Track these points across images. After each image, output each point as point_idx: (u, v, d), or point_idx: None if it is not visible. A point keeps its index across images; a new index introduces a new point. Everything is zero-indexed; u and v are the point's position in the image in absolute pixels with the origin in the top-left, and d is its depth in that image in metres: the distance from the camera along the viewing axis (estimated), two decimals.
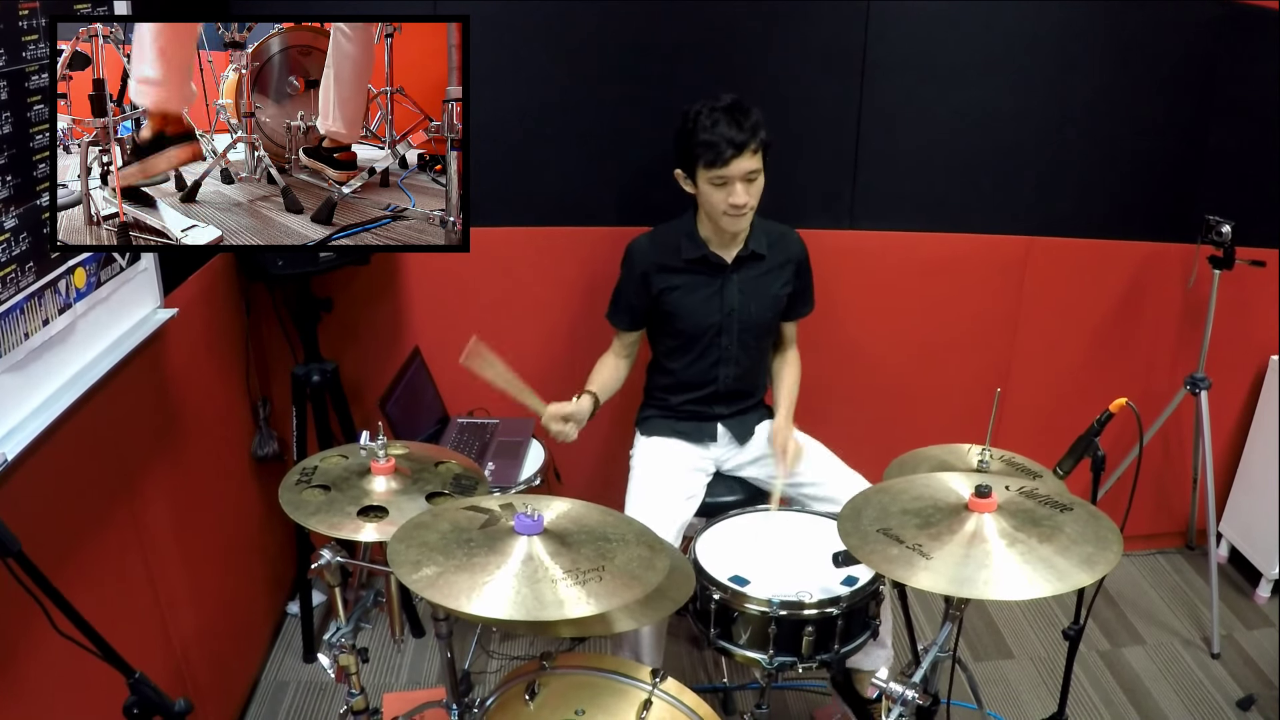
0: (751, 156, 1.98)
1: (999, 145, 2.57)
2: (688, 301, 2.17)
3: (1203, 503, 2.91)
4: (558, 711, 1.53)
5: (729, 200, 2.00)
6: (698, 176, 2.02)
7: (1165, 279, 2.79)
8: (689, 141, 2.00)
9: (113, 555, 1.71)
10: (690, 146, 2.00)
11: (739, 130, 1.95)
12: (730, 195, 2.00)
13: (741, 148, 1.96)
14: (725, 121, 1.96)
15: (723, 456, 2.31)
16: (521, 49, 2.36)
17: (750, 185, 2.01)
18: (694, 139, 1.98)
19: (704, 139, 1.96)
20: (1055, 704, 2.09)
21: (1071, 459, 1.78)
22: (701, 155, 1.98)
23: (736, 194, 2.00)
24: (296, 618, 2.61)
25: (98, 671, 1.21)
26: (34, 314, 1.41)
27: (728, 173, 1.97)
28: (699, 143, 1.97)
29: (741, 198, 2.00)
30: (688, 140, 2.00)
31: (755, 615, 1.71)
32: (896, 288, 2.70)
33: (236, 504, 2.40)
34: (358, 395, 2.57)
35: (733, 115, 1.97)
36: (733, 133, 1.95)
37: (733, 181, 1.99)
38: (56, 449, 1.49)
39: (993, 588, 1.32)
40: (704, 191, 2.04)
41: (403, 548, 1.37)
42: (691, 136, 1.99)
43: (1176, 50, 2.54)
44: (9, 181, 1.34)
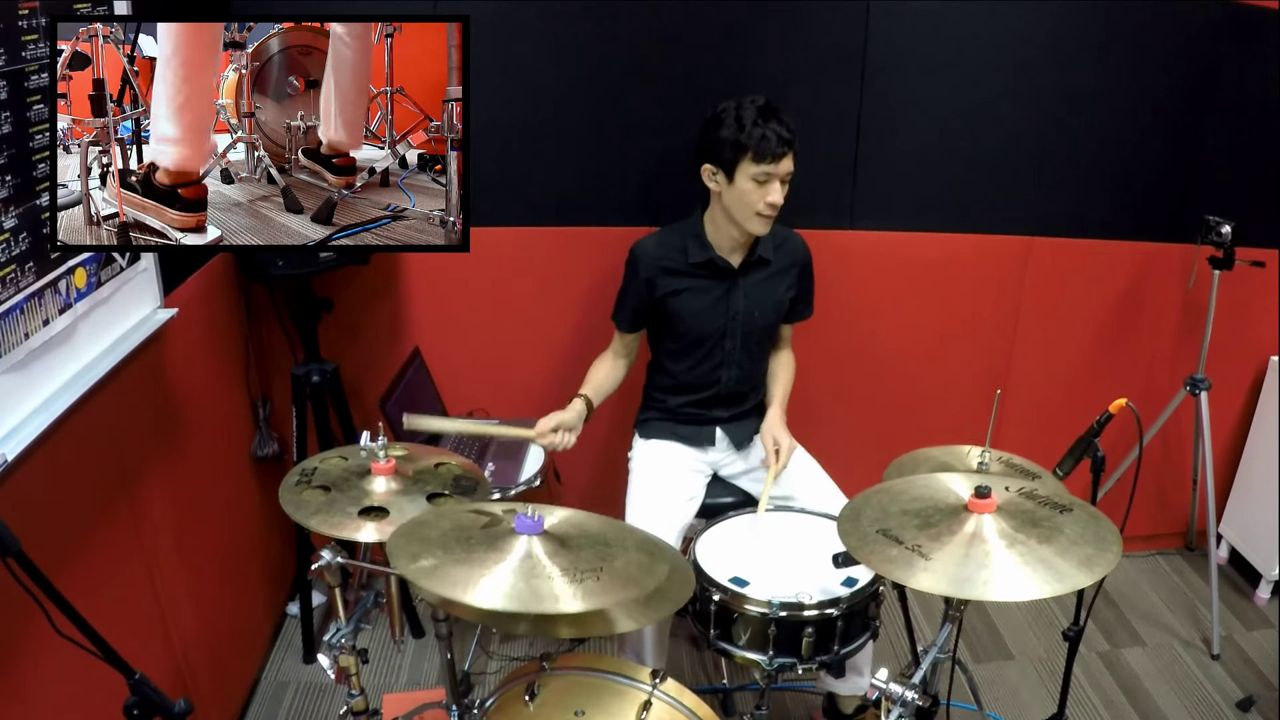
0: (792, 157, 1.99)
1: (999, 145, 2.57)
2: (692, 305, 2.15)
3: (1202, 503, 2.91)
4: (557, 712, 1.52)
5: (767, 199, 1.99)
6: (738, 172, 1.98)
7: (1165, 279, 2.79)
8: (735, 135, 1.96)
9: (113, 555, 1.71)
10: (736, 140, 1.96)
11: (786, 129, 1.96)
12: (769, 194, 1.98)
13: (789, 145, 1.97)
14: (771, 118, 1.95)
15: (720, 461, 2.30)
16: (521, 49, 2.36)
17: (785, 186, 2.01)
18: (743, 132, 1.95)
19: (757, 133, 1.94)
20: (1055, 705, 2.09)
21: (1071, 460, 1.78)
22: (752, 149, 1.94)
23: (775, 193, 1.99)
24: (296, 618, 2.61)
25: (98, 672, 1.20)
26: (34, 314, 1.41)
27: (776, 170, 1.96)
28: (751, 136, 1.94)
29: (779, 197, 1.99)
30: (733, 134, 1.96)
31: (755, 616, 1.71)
32: (896, 288, 2.70)
33: (236, 504, 2.40)
34: (358, 395, 2.57)
35: (777, 115, 1.97)
36: (781, 129, 1.95)
37: (774, 180, 1.98)
38: (56, 449, 1.49)
39: (992, 589, 1.32)
40: (742, 190, 1.99)
41: (402, 541, 1.37)
42: (739, 130, 1.95)
43: (1176, 50, 2.54)
44: (9, 181, 1.34)
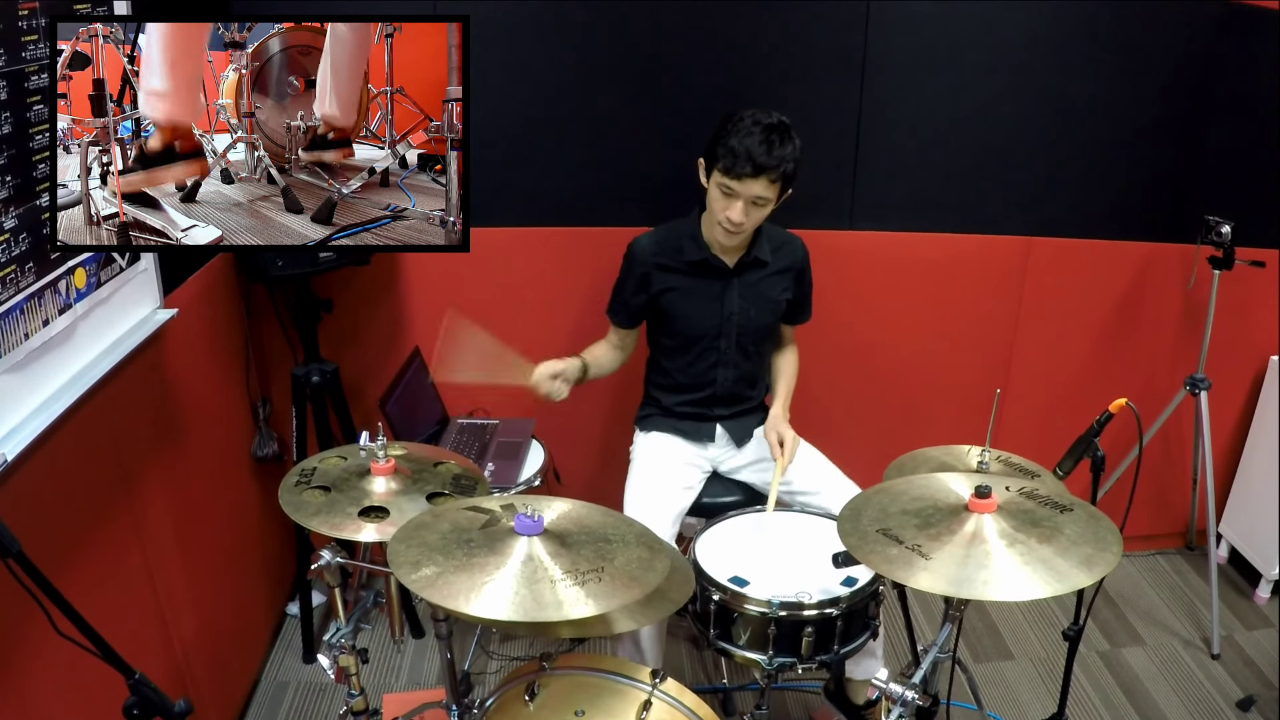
0: (768, 184, 1.94)
1: (999, 145, 2.58)
2: (687, 304, 2.16)
3: (1202, 503, 2.91)
4: (557, 712, 1.53)
5: (726, 213, 1.98)
6: (711, 175, 2.00)
7: (1165, 279, 2.79)
8: (717, 139, 1.96)
9: (113, 555, 1.71)
10: (715, 145, 1.96)
11: (766, 154, 1.91)
12: (729, 209, 1.97)
13: (760, 171, 1.92)
14: (759, 138, 1.91)
15: (720, 457, 2.31)
16: (521, 49, 2.36)
17: (753, 208, 1.98)
18: (723, 140, 1.94)
19: (731, 145, 1.92)
20: (1055, 705, 2.09)
21: (1071, 459, 1.78)
22: (721, 158, 1.94)
23: (735, 210, 1.96)
24: (296, 618, 2.61)
25: (98, 672, 1.20)
26: (34, 314, 1.41)
27: (737, 188, 1.94)
28: (724, 146, 1.93)
29: (738, 216, 1.97)
30: (716, 138, 1.97)
31: (755, 616, 1.71)
32: (896, 288, 2.70)
33: (236, 504, 2.40)
34: (358, 396, 2.57)
35: (768, 136, 1.92)
36: (760, 152, 1.91)
37: (737, 197, 1.96)
38: (56, 449, 1.49)
39: (992, 588, 1.32)
40: (710, 193, 2.02)
41: (403, 548, 1.37)
42: (722, 137, 1.95)
43: (1176, 50, 2.54)
44: (9, 181, 1.34)
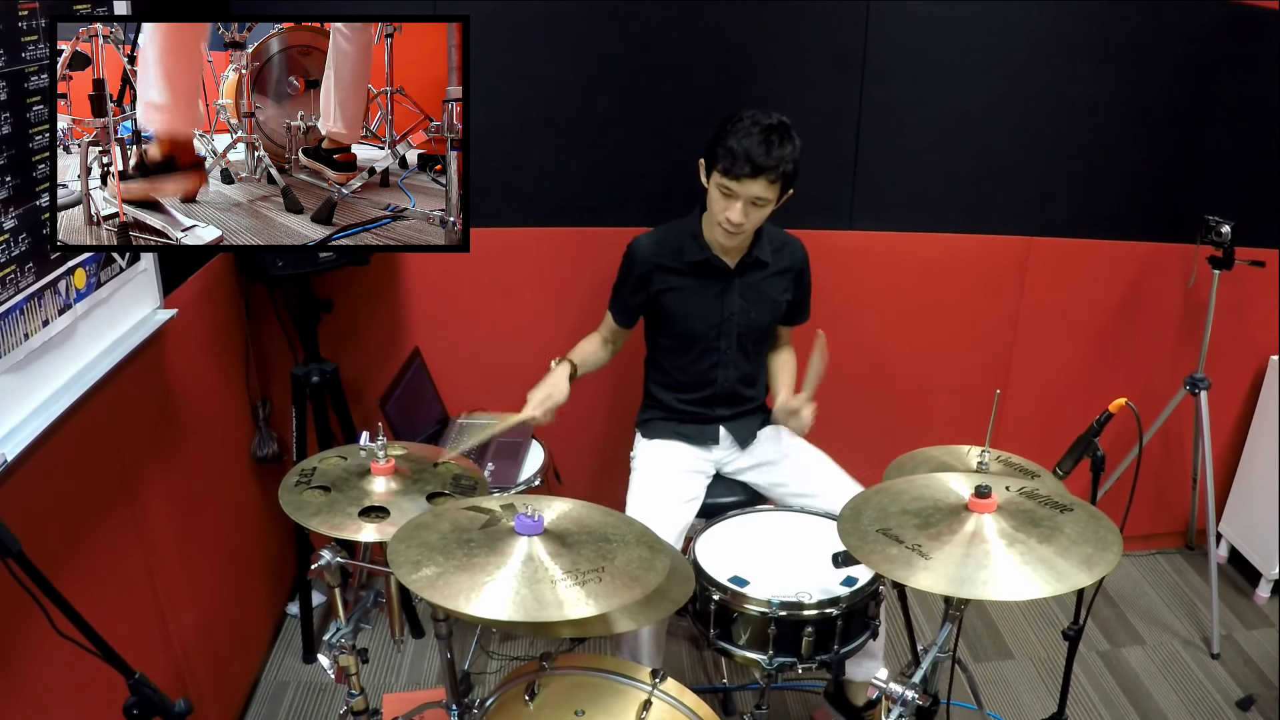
0: (767, 185, 1.93)
1: (999, 145, 2.58)
2: (687, 304, 2.16)
3: (1202, 503, 2.91)
4: (557, 712, 1.53)
5: (726, 213, 1.97)
6: (711, 176, 2.00)
7: (1165, 279, 2.79)
8: (716, 140, 1.96)
9: (113, 555, 1.71)
10: (715, 146, 1.96)
11: (766, 154, 1.90)
12: (728, 209, 1.96)
13: (759, 171, 1.91)
14: (758, 139, 1.90)
15: (724, 459, 2.31)
16: (521, 49, 2.36)
17: (753, 209, 1.97)
18: (722, 141, 1.94)
19: (730, 145, 1.91)
20: (1055, 704, 2.09)
21: (1071, 459, 1.78)
22: (720, 159, 1.94)
23: (734, 211, 1.96)
24: (296, 618, 2.61)
25: (98, 672, 1.20)
26: (34, 314, 1.41)
27: (738, 188, 1.93)
28: (724, 146, 1.93)
29: (738, 216, 1.96)
30: (716, 138, 1.96)
31: (755, 616, 1.71)
32: (896, 288, 2.70)
33: (236, 504, 2.40)
34: (358, 396, 2.57)
35: (768, 137, 1.91)
36: (759, 153, 1.90)
37: (736, 197, 1.95)
38: (56, 449, 1.49)
39: (992, 588, 1.32)
40: (710, 193, 2.02)
41: (403, 548, 1.37)
42: (722, 138, 1.94)
43: (1176, 50, 2.54)
44: (9, 182, 1.34)
